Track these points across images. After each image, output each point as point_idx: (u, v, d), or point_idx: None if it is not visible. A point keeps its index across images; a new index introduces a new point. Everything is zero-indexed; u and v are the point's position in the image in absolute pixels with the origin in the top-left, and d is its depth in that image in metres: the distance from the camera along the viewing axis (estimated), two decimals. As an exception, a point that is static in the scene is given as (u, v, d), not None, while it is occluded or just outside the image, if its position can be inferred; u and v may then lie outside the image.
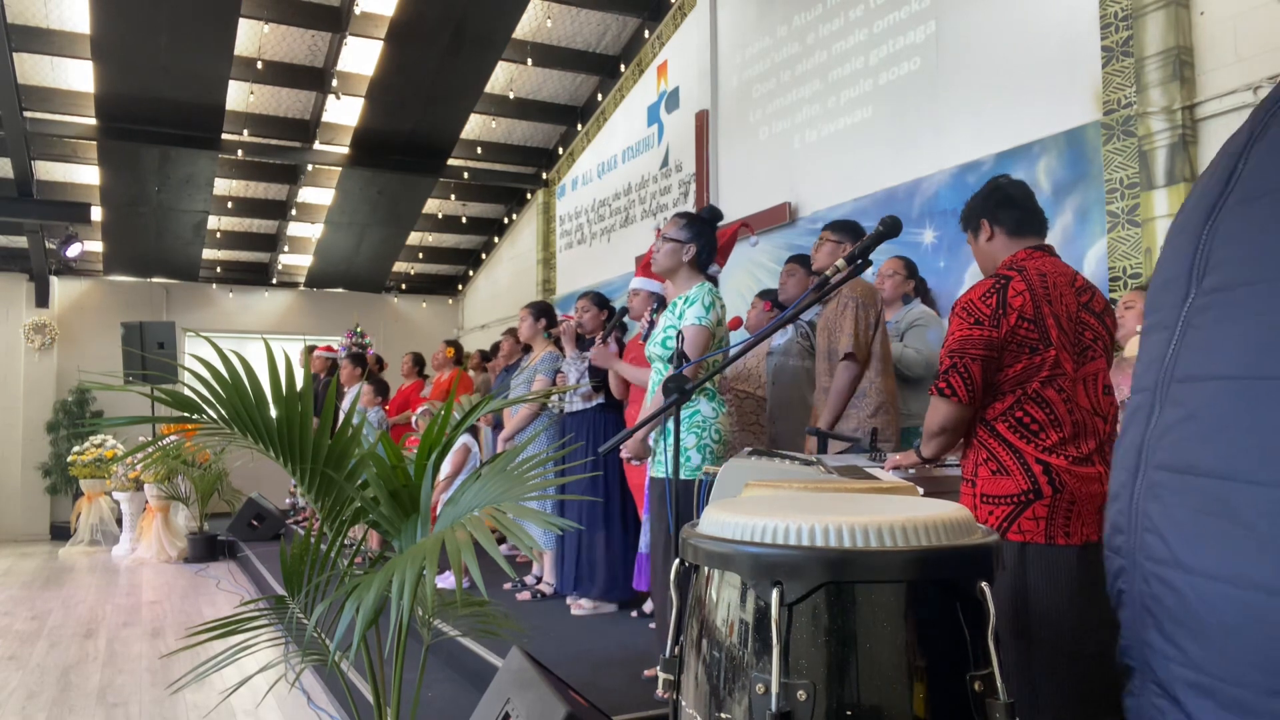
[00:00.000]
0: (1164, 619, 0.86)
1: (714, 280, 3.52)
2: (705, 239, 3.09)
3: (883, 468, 2.39)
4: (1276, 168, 0.79)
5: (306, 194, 9.94)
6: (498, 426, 5.69)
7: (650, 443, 3.04)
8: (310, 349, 8.56)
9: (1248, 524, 0.76)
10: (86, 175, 8.90)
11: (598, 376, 4.45)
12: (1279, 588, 0.73)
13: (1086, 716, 2.02)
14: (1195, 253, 0.86)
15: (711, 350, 2.93)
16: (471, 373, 7.28)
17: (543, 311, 5.05)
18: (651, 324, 4.13)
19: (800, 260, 4.06)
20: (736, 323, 4.84)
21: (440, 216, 10.76)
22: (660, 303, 4.13)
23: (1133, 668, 0.97)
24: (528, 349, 5.63)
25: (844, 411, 3.37)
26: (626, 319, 4.45)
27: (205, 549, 7.71)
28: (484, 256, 11.55)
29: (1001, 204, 2.33)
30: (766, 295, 4.65)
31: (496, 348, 6.77)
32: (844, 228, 3.65)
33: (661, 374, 3.02)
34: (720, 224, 3.38)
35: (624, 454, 3.19)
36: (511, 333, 6.11)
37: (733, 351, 2.86)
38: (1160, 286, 0.92)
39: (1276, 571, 0.74)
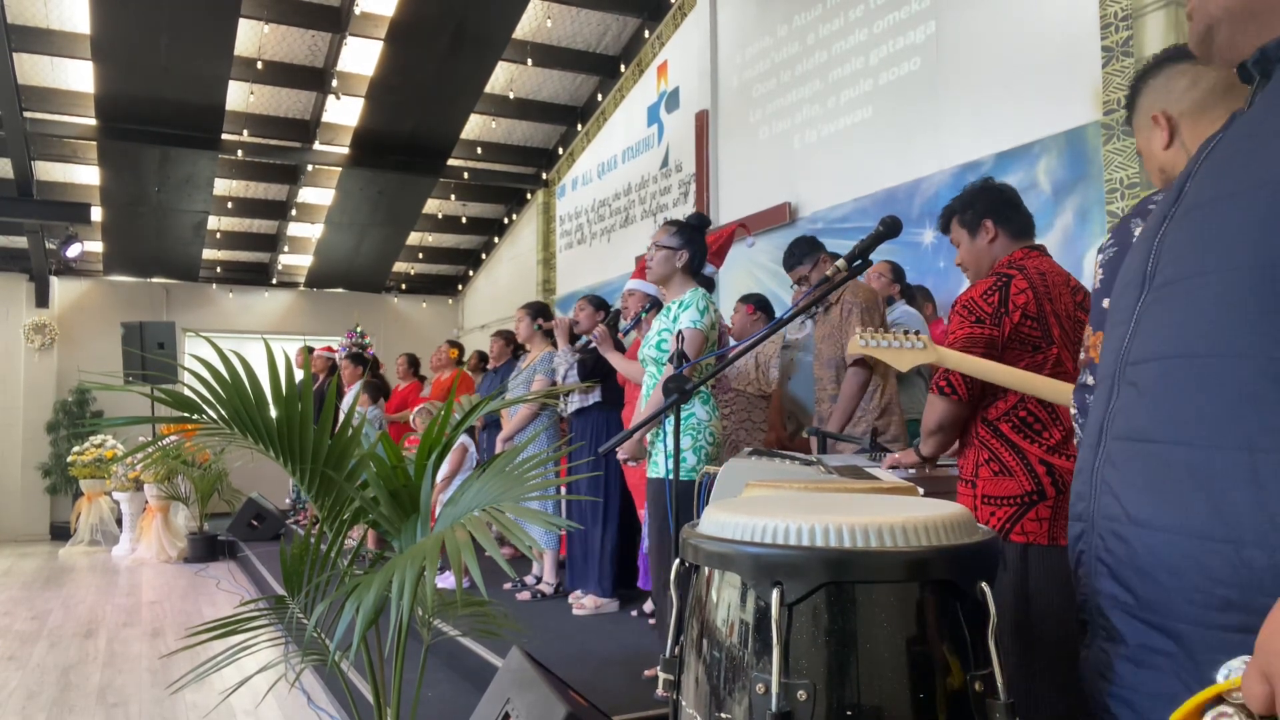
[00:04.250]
0: (1115, 566, 1.00)
1: (710, 281, 3.54)
2: (696, 245, 3.16)
3: (881, 466, 2.40)
4: (1210, 184, 0.94)
5: (306, 194, 9.94)
6: (488, 427, 5.67)
7: (647, 444, 3.07)
8: (308, 349, 8.55)
9: (1183, 481, 0.90)
10: (86, 175, 8.90)
11: (586, 371, 4.47)
12: (1208, 534, 0.86)
13: (1086, 717, 2.02)
14: (1149, 257, 1.00)
15: (706, 354, 2.97)
16: (471, 373, 7.28)
17: (539, 311, 5.06)
18: (638, 319, 4.17)
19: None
20: (729, 333, 4.85)
21: (440, 216, 10.77)
22: (654, 303, 4.15)
23: (1086, 622, 1.09)
24: (519, 351, 5.64)
25: (853, 417, 3.40)
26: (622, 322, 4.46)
27: (205, 549, 7.71)
28: (484, 257, 11.56)
29: (1007, 205, 2.32)
30: (749, 299, 4.70)
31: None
32: (800, 252, 3.71)
33: (655, 377, 3.06)
34: (717, 225, 3.42)
35: (620, 455, 3.22)
36: (501, 335, 6.11)
37: (731, 354, 2.87)
38: (1120, 290, 1.07)
39: (1206, 520, 0.87)
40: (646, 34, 8.11)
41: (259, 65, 7.90)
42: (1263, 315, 0.84)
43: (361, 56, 7.95)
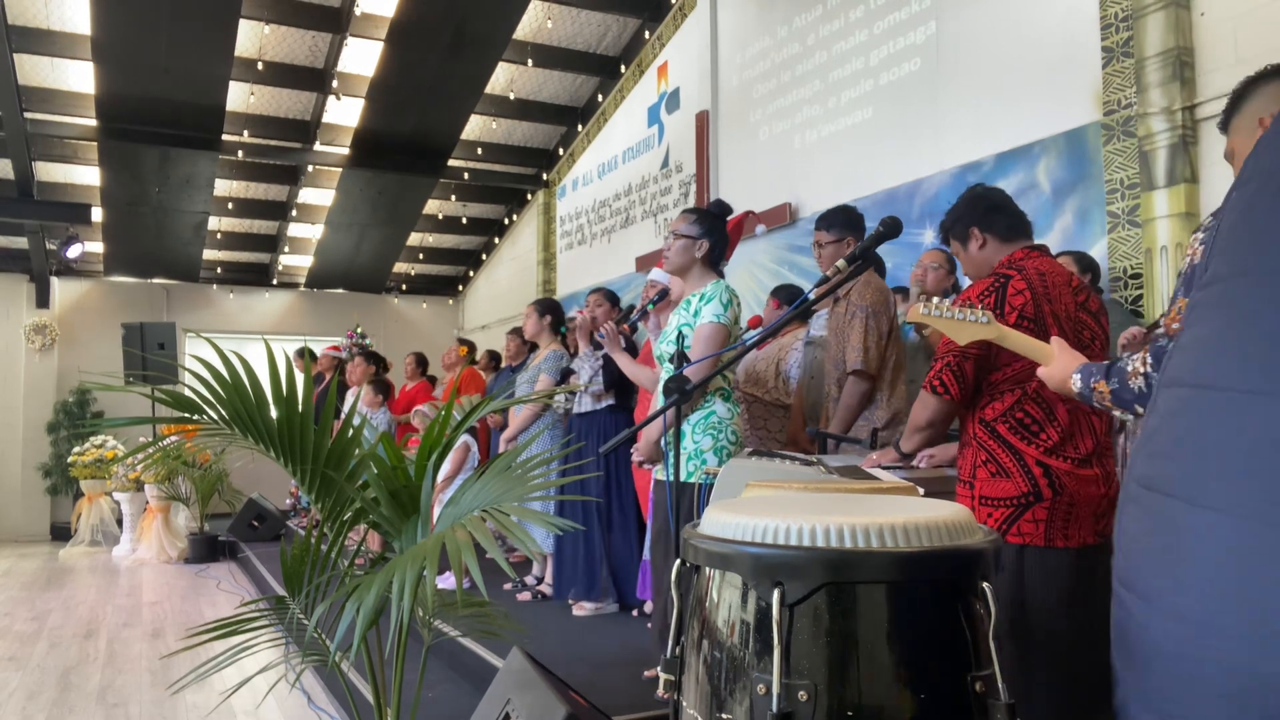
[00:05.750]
0: (1117, 640, 0.86)
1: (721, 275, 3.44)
2: (717, 234, 3.01)
3: (859, 464, 2.37)
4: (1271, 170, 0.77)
5: (307, 195, 9.95)
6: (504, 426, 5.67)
7: (664, 446, 2.91)
8: (306, 351, 8.48)
9: (1184, 547, 0.71)
10: (87, 176, 8.90)
11: (611, 376, 4.36)
12: (1196, 619, 0.69)
13: (1083, 718, 2.02)
14: (1209, 249, 0.83)
15: (726, 348, 2.83)
16: (482, 372, 7.26)
17: (549, 308, 4.97)
18: (644, 311, 4.06)
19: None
20: (756, 321, 4.79)
21: (440, 217, 10.77)
22: (662, 294, 4.06)
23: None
24: (533, 348, 5.59)
25: (854, 426, 3.31)
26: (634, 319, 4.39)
27: (206, 549, 7.71)
28: (484, 257, 11.56)
29: (990, 210, 2.32)
30: (778, 293, 4.52)
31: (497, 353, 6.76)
32: (839, 222, 3.48)
33: (671, 373, 2.94)
34: (732, 213, 3.30)
35: (636, 458, 3.08)
36: (516, 333, 6.09)
37: (732, 352, 2.83)
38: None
39: (1198, 603, 0.69)
40: (646, 34, 8.11)
41: (259, 66, 7.91)
42: None
43: (361, 57, 7.95)
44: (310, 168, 9.30)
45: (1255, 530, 0.64)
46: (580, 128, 9.24)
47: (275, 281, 11.37)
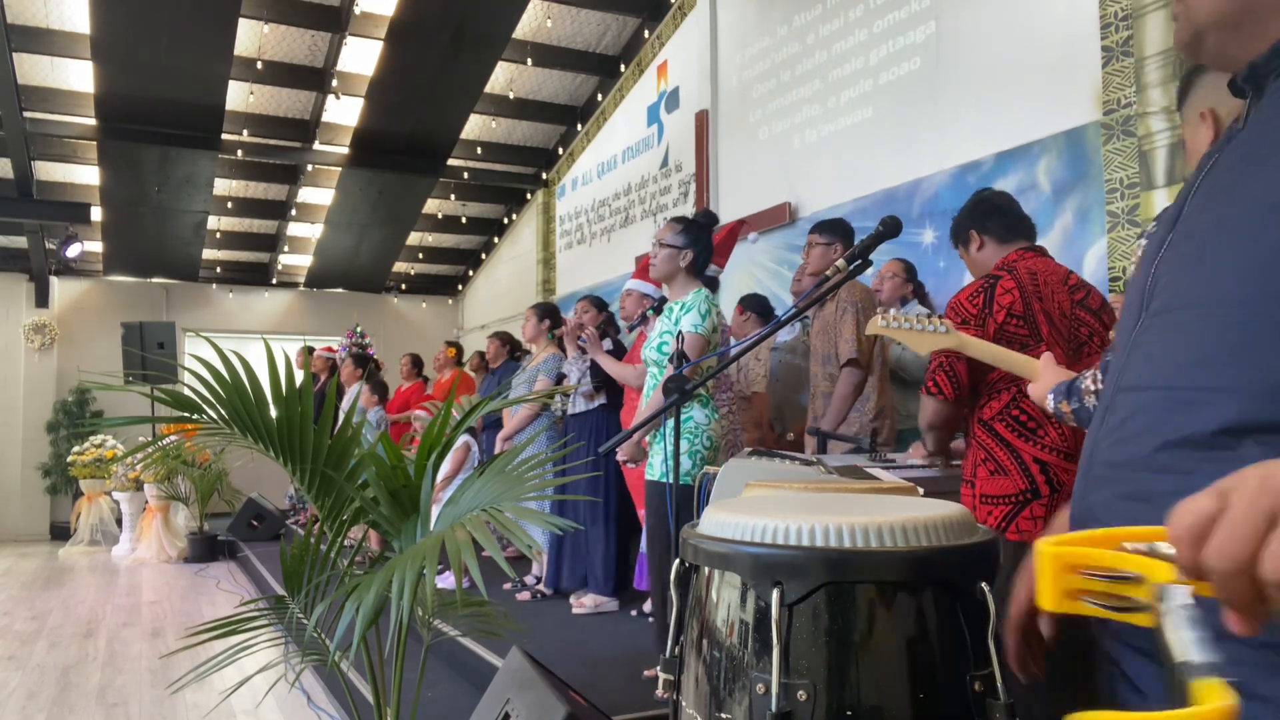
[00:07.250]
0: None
1: (714, 281, 3.52)
2: (702, 244, 3.10)
3: (897, 461, 2.44)
4: (1205, 208, 0.93)
5: (306, 194, 9.94)
6: (488, 428, 5.70)
7: (646, 446, 3.04)
8: (308, 349, 8.56)
9: (1160, 509, 0.85)
10: (86, 175, 8.90)
11: (599, 376, 4.45)
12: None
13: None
14: (1146, 281, 1.00)
15: (706, 355, 2.95)
16: (472, 373, 7.29)
17: (547, 312, 5.04)
18: (644, 319, 4.14)
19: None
20: (730, 333, 4.90)
21: (440, 216, 10.77)
22: (662, 301, 4.14)
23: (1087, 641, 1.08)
24: (515, 352, 5.64)
25: (847, 417, 3.37)
26: (620, 321, 4.47)
27: (205, 549, 7.71)
28: (484, 257, 11.56)
29: (988, 214, 2.38)
30: (745, 302, 4.77)
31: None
32: (831, 228, 3.65)
33: (657, 379, 3.03)
34: (718, 224, 3.39)
35: (620, 456, 3.18)
36: (497, 335, 6.14)
37: (731, 353, 2.86)
38: (1124, 312, 1.07)
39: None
40: (646, 34, 8.11)
41: (259, 65, 7.90)
42: (1246, 352, 0.82)
43: (361, 56, 7.95)
44: (310, 167, 9.30)
45: (1186, 481, 0.80)
46: (580, 127, 9.24)
47: (275, 281, 11.37)
